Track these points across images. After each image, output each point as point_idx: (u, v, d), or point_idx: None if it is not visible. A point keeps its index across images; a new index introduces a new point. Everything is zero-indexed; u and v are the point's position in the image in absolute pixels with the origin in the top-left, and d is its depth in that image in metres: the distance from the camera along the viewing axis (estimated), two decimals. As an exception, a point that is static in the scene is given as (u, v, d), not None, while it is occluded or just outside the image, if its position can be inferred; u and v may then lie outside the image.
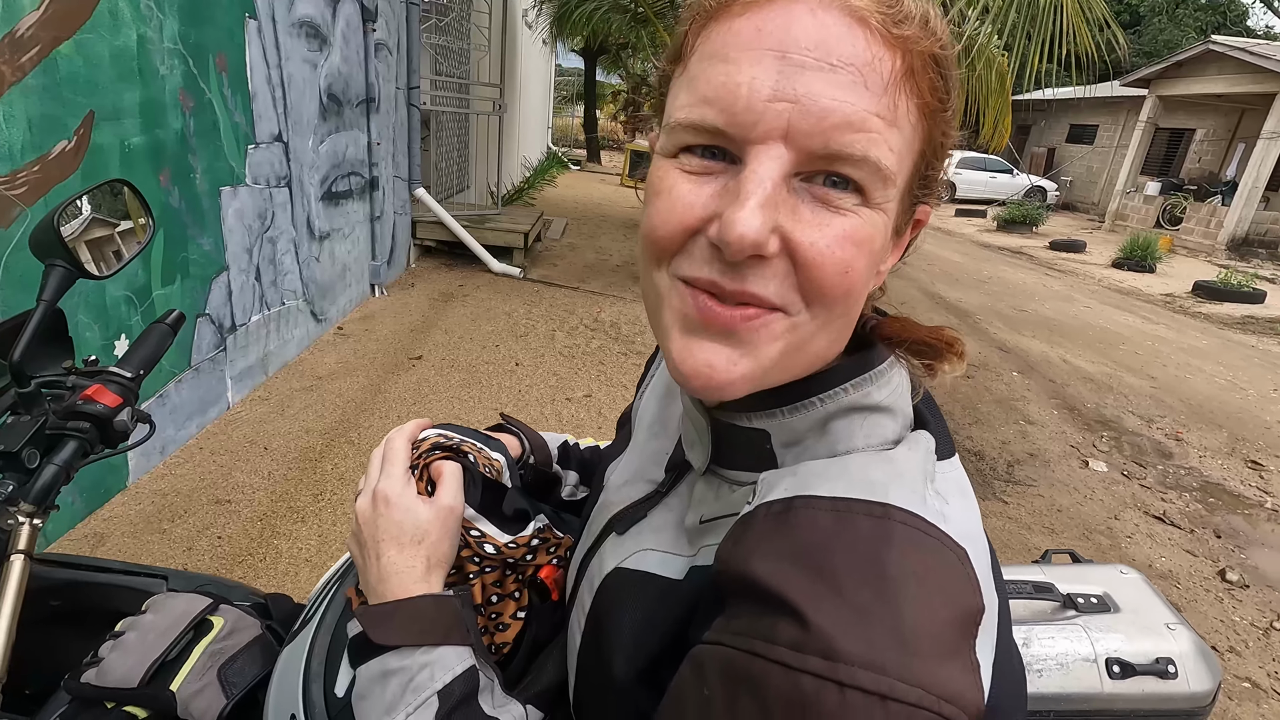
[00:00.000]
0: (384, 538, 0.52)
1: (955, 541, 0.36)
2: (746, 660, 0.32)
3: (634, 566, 0.47)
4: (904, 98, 0.36)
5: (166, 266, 2.56)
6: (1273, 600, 2.73)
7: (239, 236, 3.05)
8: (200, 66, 2.66)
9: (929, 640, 0.31)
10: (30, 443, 0.66)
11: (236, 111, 2.94)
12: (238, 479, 2.63)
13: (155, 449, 2.58)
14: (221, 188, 2.88)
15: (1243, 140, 14.52)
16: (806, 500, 0.37)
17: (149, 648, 0.60)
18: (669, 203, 0.38)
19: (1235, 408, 4.87)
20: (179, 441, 2.74)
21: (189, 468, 2.64)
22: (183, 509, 2.40)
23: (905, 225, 0.43)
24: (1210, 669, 0.85)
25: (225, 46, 2.84)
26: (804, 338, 0.39)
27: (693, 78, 0.38)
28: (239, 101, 2.96)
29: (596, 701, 0.47)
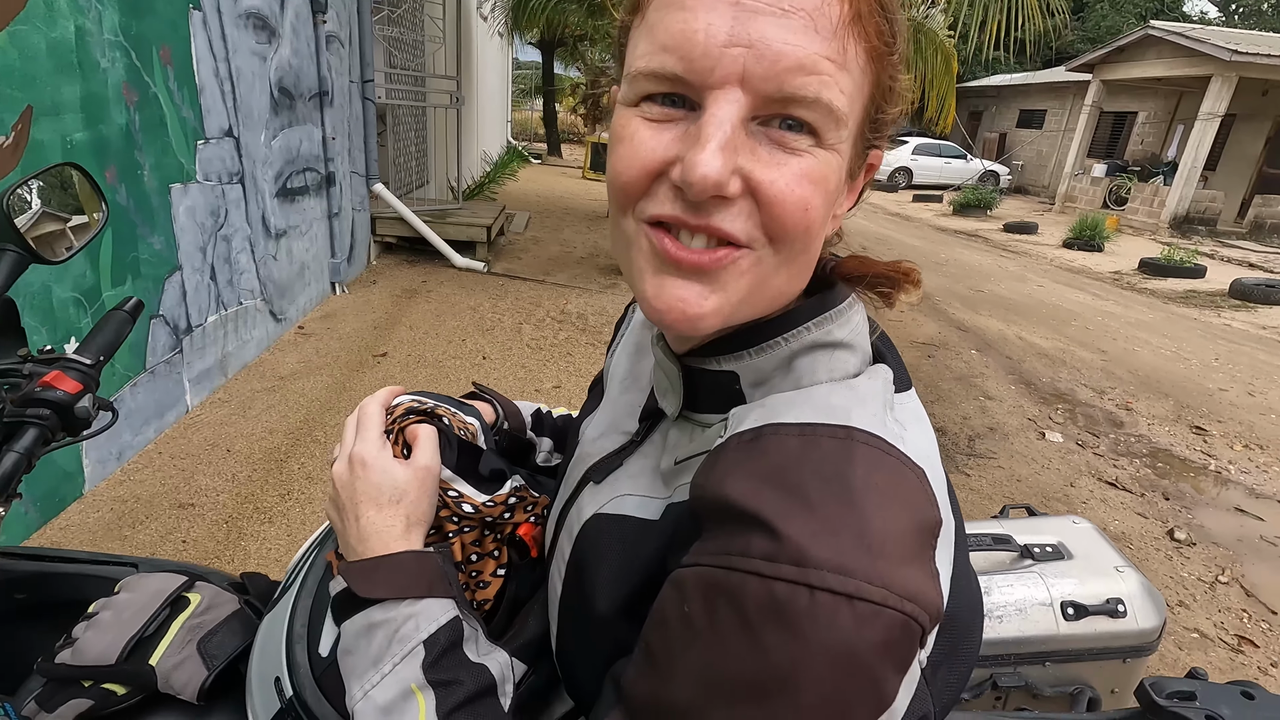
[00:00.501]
0: (362, 499, 0.52)
1: (914, 461, 0.38)
2: (724, 574, 0.34)
3: (612, 511, 0.48)
4: (852, 41, 0.37)
5: (116, 266, 2.48)
6: (1217, 556, 2.88)
7: (191, 235, 2.97)
8: (144, 59, 2.58)
9: (892, 546, 0.34)
10: (-12, 430, 0.64)
11: (184, 106, 2.86)
12: (200, 482, 2.57)
13: (112, 454, 2.51)
14: (171, 185, 2.80)
15: (1181, 122, 15.09)
16: (775, 427, 0.39)
17: (125, 625, 0.60)
18: (632, 148, 0.39)
19: (1180, 377, 5.09)
20: (136, 446, 2.66)
21: (149, 473, 2.57)
22: (144, 515, 2.34)
23: (859, 169, 0.44)
24: (1156, 606, 0.90)
25: (169, 38, 2.75)
26: (768, 273, 0.41)
27: (651, 26, 0.39)
28: (186, 95, 2.87)
29: (580, 645, 0.48)
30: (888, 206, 15.01)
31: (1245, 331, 6.89)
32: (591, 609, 0.45)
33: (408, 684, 0.46)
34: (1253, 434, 4.14)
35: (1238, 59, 11.52)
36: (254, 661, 0.57)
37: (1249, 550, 2.95)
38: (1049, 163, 19.12)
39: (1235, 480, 3.57)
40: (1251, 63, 11.59)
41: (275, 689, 0.53)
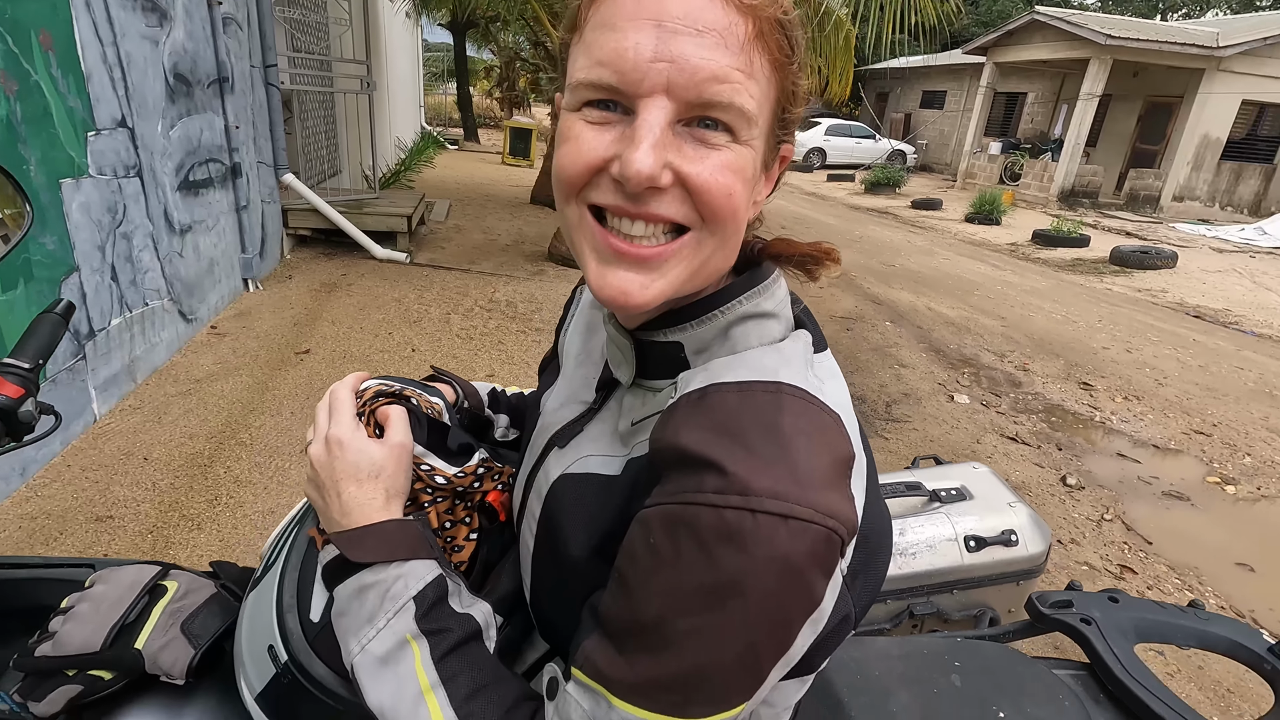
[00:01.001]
0: (342, 477, 0.56)
1: (831, 408, 0.46)
2: (682, 509, 0.41)
3: (578, 470, 0.54)
4: (758, 54, 0.44)
5: (6, 270, 2.31)
6: (1102, 497, 3.20)
7: (87, 233, 2.79)
8: (21, 44, 2.39)
9: (816, 476, 0.41)
10: (-71, 439, 0.63)
11: (70, 95, 2.67)
12: (117, 493, 2.45)
13: (15, 470, 2.35)
14: (61, 180, 2.62)
15: (1066, 102, 16.21)
16: (717, 386, 0.46)
17: (105, 614, 0.61)
18: (576, 147, 0.45)
19: (1069, 339, 5.55)
20: (42, 460, 2.50)
21: (58, 487, 2.43)
22: (58, 531, 2.22)
23: (773, 161, 0.51)
24: (1042, 534, 1.04)
25: (48, 22, 2.56)
26: (704, 256, 0.47)
27: (588, 44, 0.45)
28: (72, 84, 2.68)
29: (554, 592, 0.54)
30: (804, 186, 15.48)
31: (1124, 295, 7.56)
32: (564, 557, 0.51)
33: (402, 635, 0.50)
34: (1130, 387, 4.59)
35: (1111, 43, 12.47)
36: (243, 635, 0.60)
37: (1128, 490, 3.30)
38: (950, 141, 20.15)
39: (1117, 429, 3.96)
40: (1123, 46, 12.57)
41: (269, 656, 0.56)
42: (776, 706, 0.53)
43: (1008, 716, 0.75)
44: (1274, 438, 3.99)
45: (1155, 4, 27.08)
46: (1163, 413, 4.22)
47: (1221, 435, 3.97)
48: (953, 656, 0.82)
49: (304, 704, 0.55)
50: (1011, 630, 0.91)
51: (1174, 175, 13.96)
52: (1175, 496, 3.28)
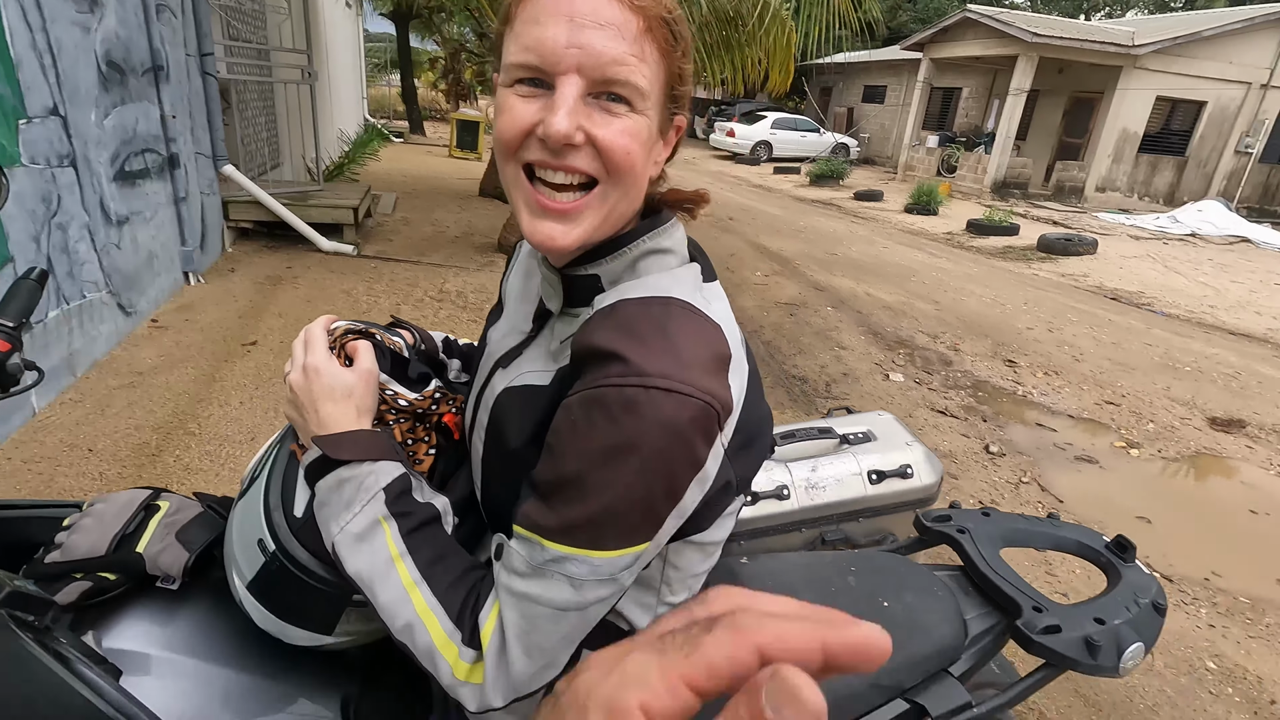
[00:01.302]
0: (319, 397, 0.66)
1: (713, 319, 0.59)
2: (595, 391, 0.53)
3: (518, 384, 0.65)
4: (648, 44, 0.57)
5: (-62, 259, 2.27)
6: (1020, 462, 3.46)
7: (21, 224, 2.73)
8: (-53, 30, 2.35)
9: (697, 364, 0.54)
10: (-73, 387, 0.70)
11: (0, 82, 2.62)
12: (63, 484, 2.43)
13: (-47, 464, 2.32)
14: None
15: (997, 97, 16.92)
16: (623, 301, 0.59)
17: (107, 526, 0.68)
18: (511, 116, 0.57)
19: (997, 320, 5.89)
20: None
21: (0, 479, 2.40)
22: (2, 521, 2.20)
23: (668, 129, 0.64)
24: (934, 467, 1.20)
25: (-25, 7, 2.50)
26: (611, 205, 0.60)
27: (518, 34, 0.57)
28: (1, 71, 2.63)
29: (502, 483, 0.65)
30: (751, 179, 15.77)
31: (1049, 279, 8.01)
32: (508, 452, 0.62)
33: (375, 517, 0.61)
34: (1050, 363, 4.92)
35: (1037, 40, 13.09)
36: (233, 534, 0.68)
37: (1045, 456, 3.57)
38: (891, 135, 20.79)
39: (1036, 401, 4.25)
40: (1048, 44, 13.21)
41: (259, 548, 0.65)
42: (683, 571, 0.65)
43: (891, 605, 0.89)
44: (1174, 405, 4.35)
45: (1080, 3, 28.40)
46: (1078, 386, 4.55)
47: (1129, 405, 4.31)
48: (850, 563, 0.96)
49: (290, 585, 0.64)
50: (904, 545, 1.06)
51: (1096, 167, 14.76)
52: (1086, 460, 3.56)
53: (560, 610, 0.55)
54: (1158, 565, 2.75)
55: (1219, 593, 2.61)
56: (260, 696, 0.70)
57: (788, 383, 4.17)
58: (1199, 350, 5.59)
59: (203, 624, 0.70)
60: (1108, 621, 0.85)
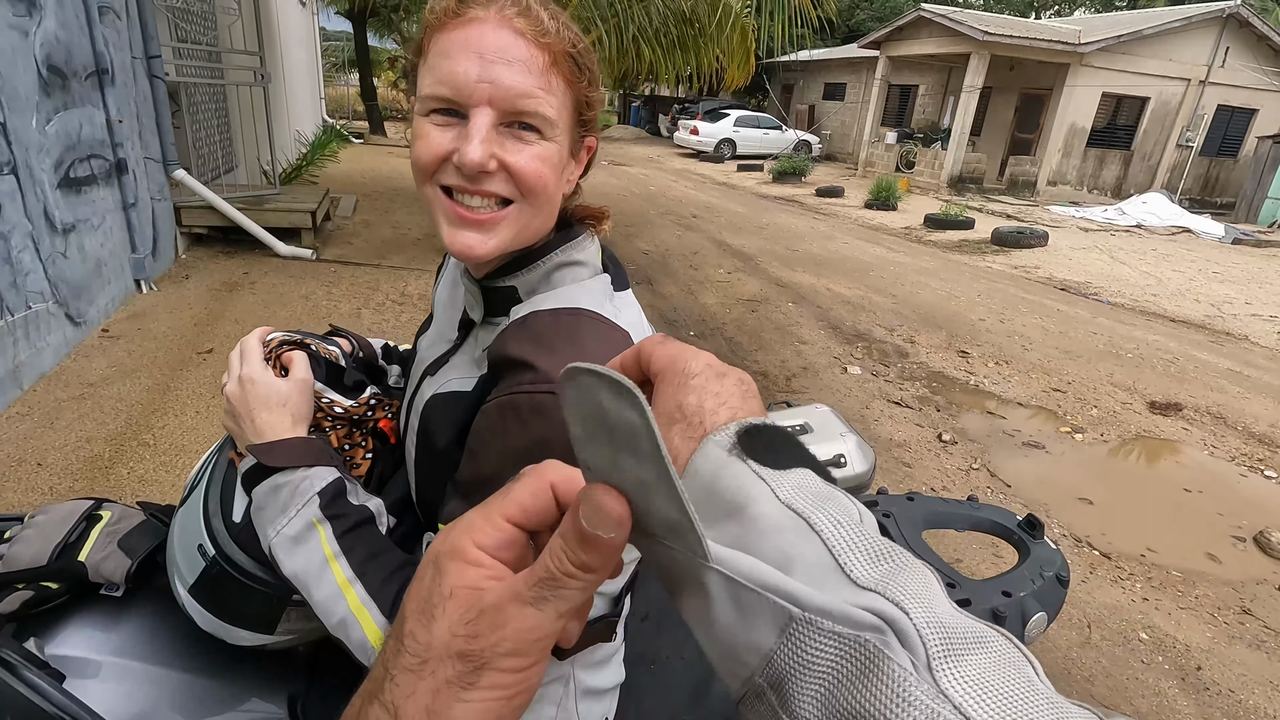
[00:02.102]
0: (255, 406, 0.68)
1: (622, 327, 0.63)
2: (509, 398, 0.57)
3: (444, 390, 0.69)
4: (554, 76, 0.61)
5: None
6: (972, 450, 3.59)
7: (-40, 233, 2.67)
8: (-125, 35, 2.28)
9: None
10: None
11: (-67, 88, 2.54)
12: (10, 499, 2.38)
13: (-107, 482, 2.25)
14: (-72, 178, 2.50)
15: (952, 94, 17.33)
16: (536, 312, 0.64)
17: (49, 536, 0.70)
18: (427, 143, 0.61)
19: (951, 312, 6.06)
20: (-78, 471, 2.40)
21: (-57, 497, 2.34)
22: (-54, 540, 2.15)
23: (579, 149, 0.69)
24: (866, 456, 1.26)
25: (-96, 11, 2.43)
26: (525, 221, 0.64)
27: (431, 67, 0.61)
28: (-66, 76, 2.56)
29: (432, 483, 0.68)
30: (715, 177, 15.89)
31: (1002, 272, 8.26)
32: (437, 454, 0.66)
33: (309, 519, 0.64)
34: (1001, 353, 5.09)
35: (988, 38, 13.45)
36: (175, 540, 0.71)
37: (995, 443, 3.70)
38: (852, 132, 21.13)
39: (988, 390, 4.40)
40: (998, 41, 13.58)
41: (199, 553, 0.67)
42: None
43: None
44: (1117, 391, 4.55)
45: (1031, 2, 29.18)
46: (1027, 374, 4.72)
47: (1074, 391, 4.49)
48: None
49: (229, 588, 0.67)
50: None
51: (1047, 161, 15.21)
52: (1033, 446, 3.71)
53: None
54: (1098, 544, 2.88)
55: (1153, 568, 2.75)
56: (208, 697, 0.73)
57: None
58: (1140, 337, 5.83)
59: (148, 628, 0.72)
60: (1014, 594, 0.92)
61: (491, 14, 0.59)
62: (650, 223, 9.00)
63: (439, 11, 0.61)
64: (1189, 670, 2.22)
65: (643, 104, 27.88)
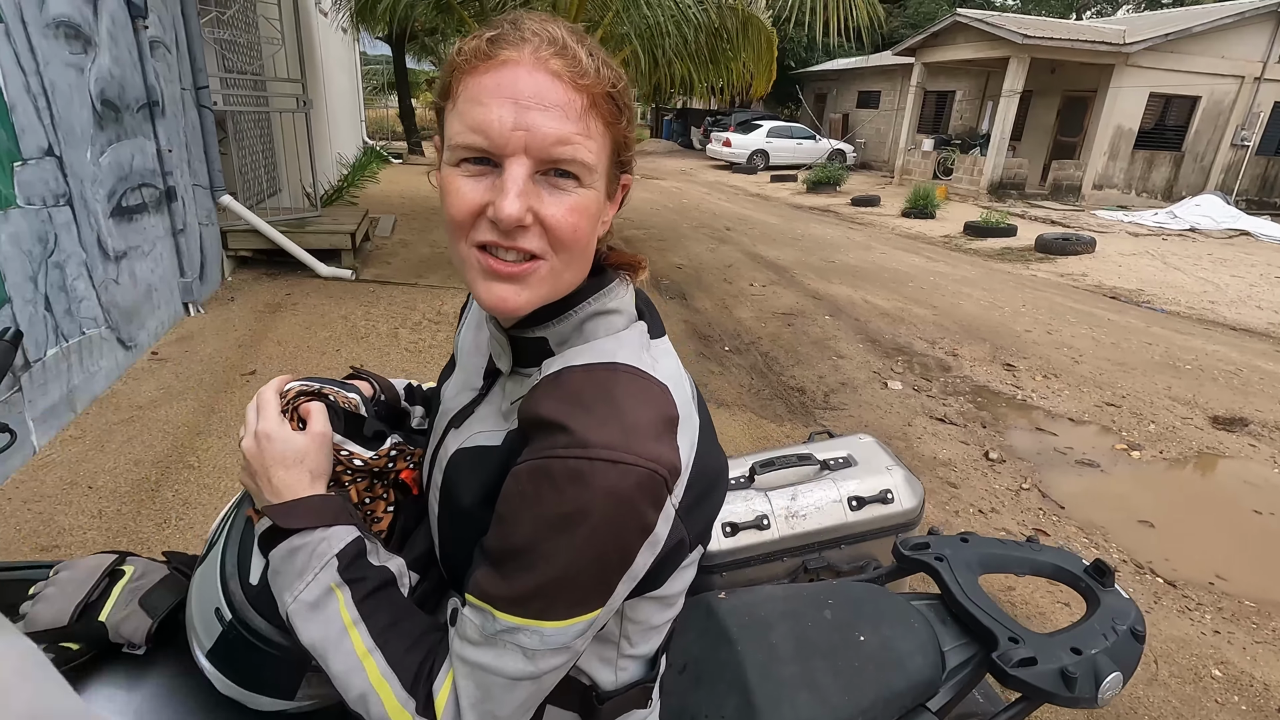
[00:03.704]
0: (271, 464, 0.66)
1: (659, 380, 0.59)
2: (541, 462, 0.54)
3: (470, 445, 0.65)
4: (593, 120, 0.57)
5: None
6: (1021, 468, 3.44)
7: (19, 265, 2.77)
8: (-59, 78, 2.39)
9: (642, 429, 0.55)
10: (-102, 456, 0.71)
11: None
12: (62, 522, 2.45)
13: (-47, 506, 2.33)
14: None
15: (991, 98, 16.97)
16: (569, 369, 0.60)
17: (70, 595, 0.69)
18: (459, 197, 0.58)
19: (995, 323, 5.88)
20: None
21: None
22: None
23: (615, 190, 0.65)
24: (914, 491, 1.19)
25: (-32, 54, 2.55)
26: (558, 273, 0.60)
27: (461, 113, 0.57)
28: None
29: (456, 542, 0.65)
30: (748, 188, 15.81)
31: (1047, 280, 8.00)
32: (461, 513, 0.63)
33: (327, 584, 0.61)
34: (1049, 366, 4.90)
35: (1028, 42, 13.14)
36: (193, 602, 0.69)
37: (1045, 461, 3.55)
38: (887, 139, 20.84)
39: (1036, 405, 4.24)
40: (1039, 44, 13.26)
41: (216, 617, 0.65)
42: (641, 624, 0.65)
43: (867, 639, 0.89)
44: (1175, 405, 4.33)
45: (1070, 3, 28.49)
46: (1078, 388, 4.53)
47: (1129, 405, 4.29)
48: (827, 596, 0.96)
49: (247, 654, 0.65)
50: (884, 573, 1.06)
51: (1092, 165, 14.75)
52: (1087, 464, 3.55)
53: (514, 680, 0.55)
54: (1161, 571, 2.73)
55: (1224, 597, 2.58)
56: None
57: (785, 394, 4.17)
58: (1199, 347, 5.56)
59: (169, 689, 0.70)
60: (1085, 651, 0.85)
61: (526, 55, 0.55)
62: (683, 236, 8.97)
63: (468, 53, 0.57)
64: (1269, 711, 2.07)
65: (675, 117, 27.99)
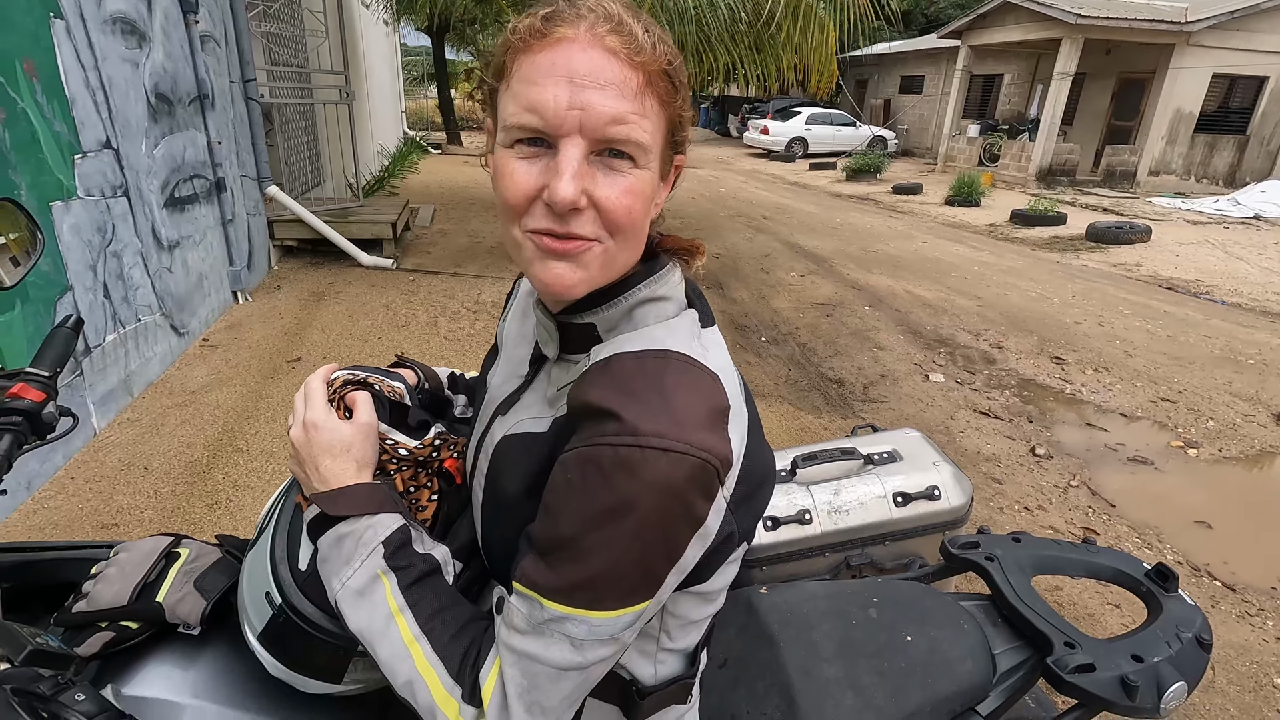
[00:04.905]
0: (318, 453, 0.67)
1: (710, 369, 0.58)
2: (590, 450, 0.53)
3: (516, 431, 0.65)
4: (648, 98, 0.56)
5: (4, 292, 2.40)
6: (1069, 465, 3.33)
7: (79, 253, 2.88)
8: (6, 73, 2.48)
9: (693, 419, 0.53)
10: (-31, 438, 0.74)
11: (56, 120, 2.76)
12: (121, 502, 2.55)
13: (20, 484, 2.45)
14: (52, 203, 2.71)
15: (1041, 82, 16.37)
16: (619, 355, 0.59)
17: (129, 576, 0.72)
18: (514, 182, 0.56)
19: (1043, 314, 5.69)
20: (46, 474, 2.60)
21: (63, 499, 2.53)
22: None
23: (668, 171, 0.63)
24: (963, 489, 1.16)
25: (31, 50, 2.64)
26: (612, 256, 0.59)
27: (516, 94, 0.56)
28: (57, 109, 2.77)
29: (500, 532, 0.65)
30: (786, 176, 15.58)
31: (1099, 270, 7.71)
32: (506, 501, 0.63)
33: (374, 571, 0.62)
34: (1101, 359, 4.73)
35: (1082, 22, 12.61)
36: (244, 586, 0.71)
37: (1095, 458, 3.43)
38: (930, 125, 20.29)
39: (1086, 400, 4.09)
40: (1094, 25, 12.72)
41: (266, 601, 0.67)
42: (682, 619, 0.64)
43: (914, 639, 0.86)
44: (1236, 401, 4.14)
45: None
46: (1131, 383, 4.36)
47: (1186, 401, 4.11)
48: (872, 594, 0.93)
49: (296, 637, 0.66)
50: (931, 572, 1.03)
51: (1149, 150, 14.14)
52: (1139, 461, 3.41)
53: (561, 670, 0.55)
54: (1219, 574, 2.62)
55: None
56: None
57: (824, 386, 4.10)
58: (1264, 341, 5.30)
59: (222, 669, 0.72)
60: (1146, 659, 0.81)
61: (581, 32, 0.54)
62: (719, 225, 8.89)
63: (522, 31, 0.56)
64: (1335, 724, 1.97)
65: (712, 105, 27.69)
